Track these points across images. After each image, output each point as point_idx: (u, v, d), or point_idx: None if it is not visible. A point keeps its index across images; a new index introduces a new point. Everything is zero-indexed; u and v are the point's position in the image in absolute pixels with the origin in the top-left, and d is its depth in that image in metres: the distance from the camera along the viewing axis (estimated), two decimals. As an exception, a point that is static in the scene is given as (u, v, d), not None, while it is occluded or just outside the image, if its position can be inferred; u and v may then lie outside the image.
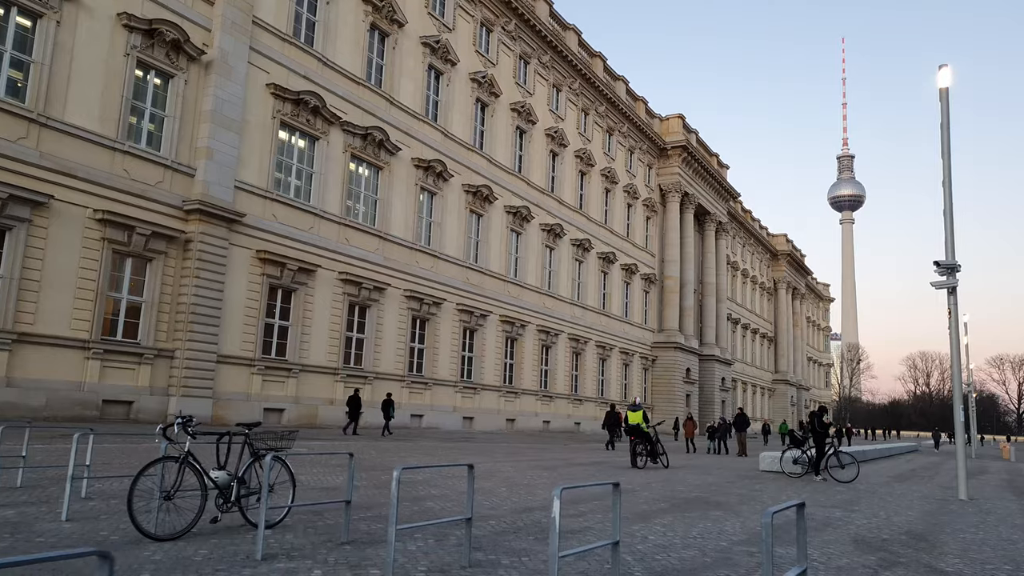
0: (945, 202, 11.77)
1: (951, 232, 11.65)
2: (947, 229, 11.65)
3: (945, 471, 22.52)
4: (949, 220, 11.67)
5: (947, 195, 11.76)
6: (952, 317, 11.64)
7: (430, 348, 31.55)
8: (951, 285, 11.56)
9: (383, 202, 29.36)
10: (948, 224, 11.67)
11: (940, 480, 17.56)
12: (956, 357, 11.91)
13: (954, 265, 11.48)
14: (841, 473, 15.39)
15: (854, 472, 15.24)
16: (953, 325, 11.70)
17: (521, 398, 38.19)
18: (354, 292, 27.38)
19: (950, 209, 11.73)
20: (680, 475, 14.73)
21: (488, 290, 35.83)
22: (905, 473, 19.77)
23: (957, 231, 11.69)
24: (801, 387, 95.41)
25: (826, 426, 15.61)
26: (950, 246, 11.62)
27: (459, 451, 18.70)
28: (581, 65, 44.92)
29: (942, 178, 11.85)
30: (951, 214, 11.70)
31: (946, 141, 11.90)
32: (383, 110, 29.45)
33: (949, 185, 11.79)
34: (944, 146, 11.87)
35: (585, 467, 15.44)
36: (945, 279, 11.58)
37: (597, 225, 47.62)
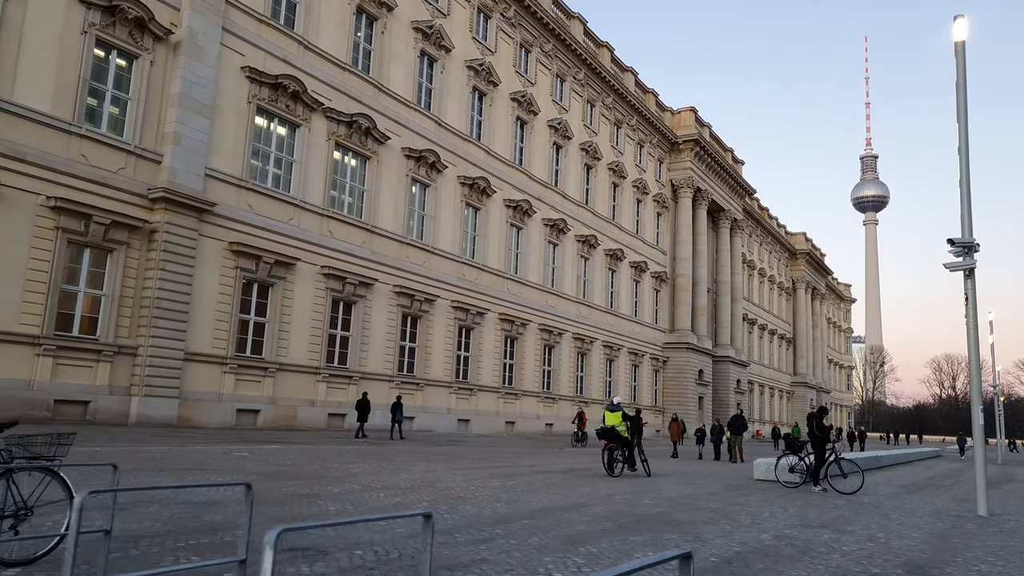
0: (961, 172, 10.18)
1: (968, 206, 10.06)
2: (963, 203, 10.06)
3: (967, 480, 20.71)
4: (966, 192, 10.08)
5: (963, 163, 10.16)
6: (969, 303, 10.05)
7: (422, 347, 30.19)
8: (968, 267, 9.97)
9: (371, 193, 28.05)
10: (965, 197, 10.08)
11: (959, 491, 15.84)
12: (974, 349, 10.31)
13: (971, 243, 9.88)
14: (843, 483, 13.76)
15: (858, 482, 13.61)
16: (971, 313, 10.11)
17: (522, 400, 36.71)
18: (338, 287, 26.08)
19: (967, 179, 10.13)
20: (657, 485, 13.17)
21: (486, 287, 34.41)
22: (921, 482, 18.05)
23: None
24: (821, 390, 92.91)
25: (826, 429, 13.97)
26: (967, 222, 10.03)
27: (431, 457, 17.28)
28: (586, 55, 43.38)
29: (958, 144, 10.27)
30: (968, 185, 10.11)
31: (962, 102, 10.31)
32: (371, 97, 28.15)
33: (966, 152, 10.20)
34: (960, 108, 10.28)
35: (550, 475, 13.92)
36: (961, 260, 10.00)
37: (604, 221, 46.02)
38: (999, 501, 14.46)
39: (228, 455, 13.24)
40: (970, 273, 10.06)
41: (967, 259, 9.98)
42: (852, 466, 14.08)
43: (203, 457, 12.47)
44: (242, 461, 12.28)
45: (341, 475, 11.15)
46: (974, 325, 10.21)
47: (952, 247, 9.93)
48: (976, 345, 10.27)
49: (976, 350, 10.27)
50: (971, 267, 10.00)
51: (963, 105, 10.29)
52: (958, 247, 9.92)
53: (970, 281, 10.12)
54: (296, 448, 16.51)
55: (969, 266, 9.98)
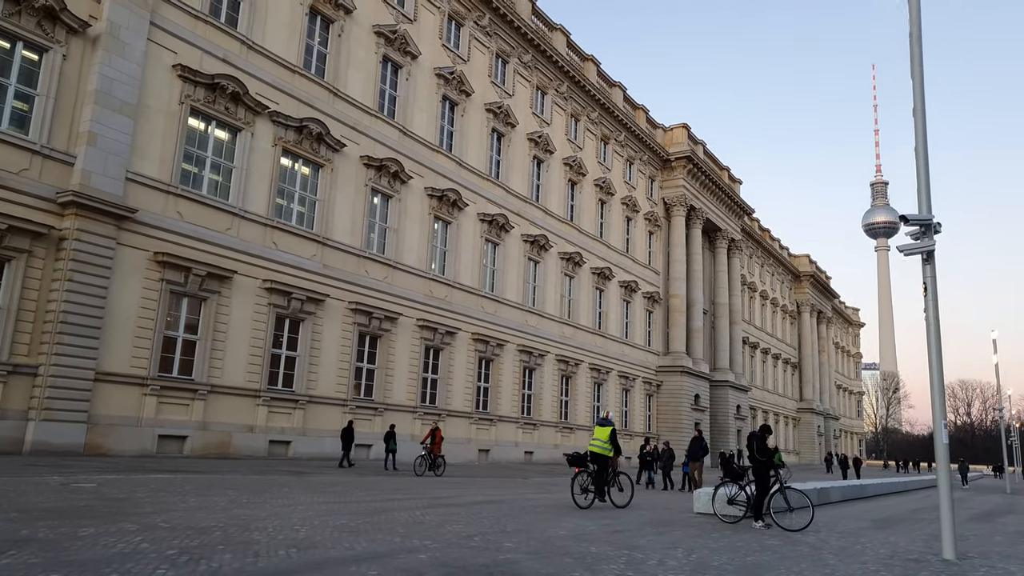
0: (917, 138, 8.21)
1: (925, 177, 8.05)
2: (920, 174, 8.07)
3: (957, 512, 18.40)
4: (922, 161, 8.09)
5: (919, 127, 8.20)
6: (929, 294, 8.01)
7: (383, 368, 28.16)
8: (925, 249, 7.95)
9: (324, 203, 26.26)
10: (921, 167, 8.09)
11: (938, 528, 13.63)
12: (935, 351, 8.21)
13: (928, 221, 7.88)
14: (789, 518, 11.59)
15: (806, 517, 11.45)
16: (930, 306, 8.06)
17: (498, 426, 34.51)
18: (282, 303, 24.18)
19: (923, 147, 8.16)
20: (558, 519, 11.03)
21: (457, 305, 32.44)
22: (900, 515, 15.76)
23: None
24: (829, 416, 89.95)
25: (769, 453, 11.81)
26: (924, 196, 8.03)
27: (329, 488, 15.18)
28: (569, 67, 41.80)
29: (913, 106, 8.32)
30: (925, 153, 8.13)
31: (917, 57, 8.37)
32: (324, 102, 26.50)
33: (922, 113, 8.24)
34: (914, 63, 8.34)
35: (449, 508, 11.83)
36: (917, 242, 8.00)
37: (590, 238, 44.09)
38: (983, 538, 12.24)
39: (65, 487, 11.19)
40: (929, 257, 8.03)
41: (925, 240, 7.97)
42: (800, 498, 11.90)
43: (11, 490, 10.37)
44: (61, 496, 10.20)
45: (155, 510, 9.13)
46: (934, 319, 8.15)
47: (905, 223, 7.93)
48: (937, 345, 8.20)
49: (937, 351, 8.20)
50: (929, 249, 7.97)
51: (917, 61, 8.35)
52: (915, 225, 7.92)
53: (929, 267, 8.08)
54: (193, 479, 14.46)
55: (927, 248, 7.96)
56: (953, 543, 7.67)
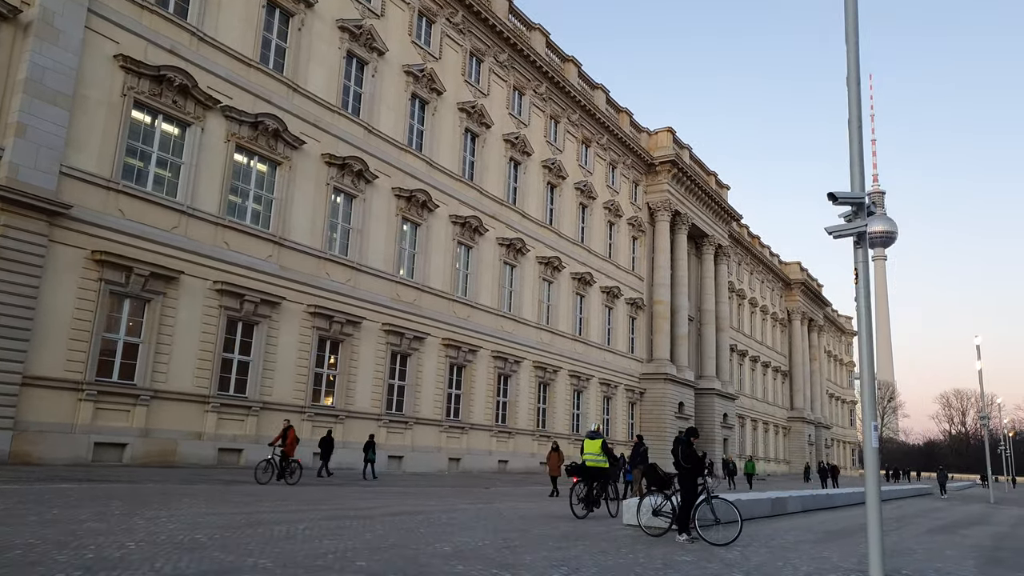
0: (850, 109, 7.27)
1: (858, 150, 7.09)
2: (853, 148, 7.11)
3: (916, 524, 17.44)
4: (856, 134, 7.13)
5: (852, 99, 7.26)
6: (860, 281, 7.05)
7: (345, 374, 27.13)
8: (856, 231, 7.00)
9: (281, 202, 25.30)
10: (855, 140, 7.13)
11: (892, 540, 12.67)
12: (866, 344, 7.23)
13: (859, 200, 6.92)
14: (716, 531, 10.60)
15: (734, 531, 10.47)
16: (862, 295, 7.08)
17: (470, 434, 33.45)
18: (234, 305, 23.17)
19: (857, 118, 7.21)
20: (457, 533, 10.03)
21: (427, 309, 31.44)
22: (853, 528, 14.74)
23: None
24: (821, 425, 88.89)
25: (697, 459, 10.83)
26: (857, 172, 7.07)
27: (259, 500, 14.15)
28: (548, 68, 40.98)
29: (847, 74, 7.39)
30: (858, 125, 7.17)
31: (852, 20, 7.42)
32: (282, 97, 25.59)
33: (856, 83, 7.30)
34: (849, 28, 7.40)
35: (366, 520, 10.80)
36: (848, 223, 7.05)
37: (570, 243, 43.18)
38: (932, 552, 11.29)
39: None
40: (860, 239, 7.07)
41: (856, 220, 7.02)
42: (728, 509, 10.91)
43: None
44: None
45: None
46: (866, 308, 7.18)
47: (834, 201, 6.97)
48: (869, 337, 7.22)
49: (868, 343, 7.23)
50: (860, 231, 7.01)
51: (852, 24, 7.41)
52: (845, 203, 6.96)
53: (860, 250, 7.12)
54: (96, 489, 13.42)
55: (857, 230, 7.00)
56: (881, 562, 6.70)
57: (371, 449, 23.78)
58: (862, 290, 7.10)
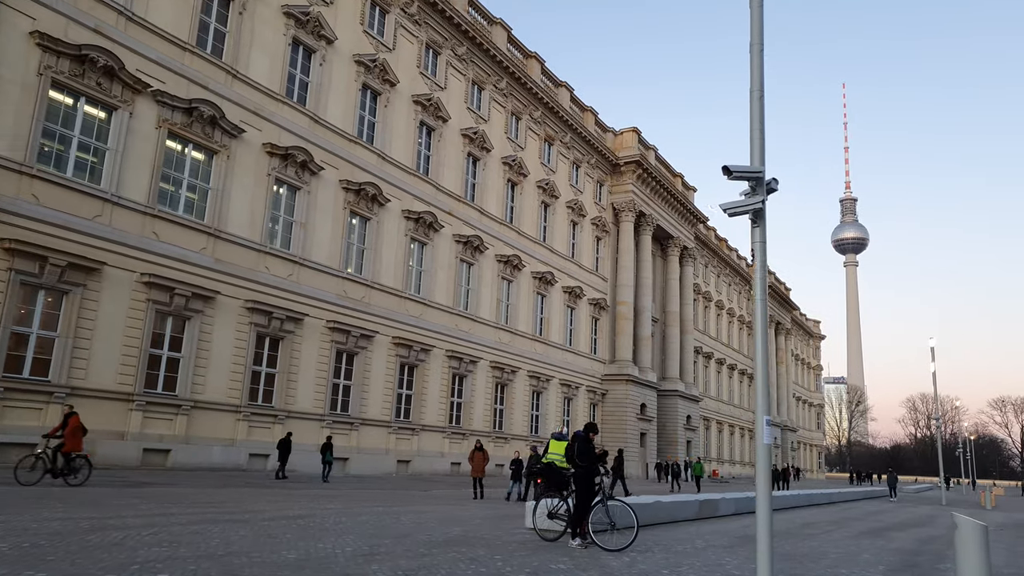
0: (752, 77, 6.57)
1: (759, 124, 6.39)
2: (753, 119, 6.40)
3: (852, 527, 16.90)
4: (757, 104, 6.43)
5: (755, 66, 6.55)
6: (758, 262, 6.36)
7: (284, 373, 26.11)
8: (752, 208, 6.30)
9: (218, 192, 24.24)
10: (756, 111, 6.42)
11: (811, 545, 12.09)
12: (761, 329, 6.55)
13: (758, 174, 6.22)
14: (611, 536, 9.89)
15: (628, 536, 9.80)
16: (759, 279, 6.40)
17: (420, 436, 32.54)
18: (164, 299, 22.08)
19: (759, 87, 6.51)
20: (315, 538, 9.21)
21: (376, 307, 30.50)
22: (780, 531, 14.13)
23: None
24: (787, 428, 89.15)
25: (594, 458, 10.09)
26: (757, 144, 6.37)
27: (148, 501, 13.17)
28: (509, 63, 40.24)
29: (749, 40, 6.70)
30: (760, 94, 6.48)
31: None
32: (221, 84, 24.54)
33: (759, 49, 6.60)
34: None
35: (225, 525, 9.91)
36: (745, 200, 6.34)
37: (531, 241, 42.46)
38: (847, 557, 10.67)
39: None
40: (757, 218, 6.37)
41: (753, 196, 6.32)
42: (624, 512, 10.19)
43: None
44: None
45: None
46: (762, 295, 6.49)
47: (730, 178, 6.26)
48: (764, 322, 6.54)
49: (763, 328, 6.54)
50: (756, 208, 6.30)
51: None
52: (741, 178, 6.25)
53: (758, 229, 6.42)
54: None
55: (754, 207, 6.29)
56: (770, 569, 6.01)
57: (328, 451, 23.85)
58: (758, 272, 6.39)
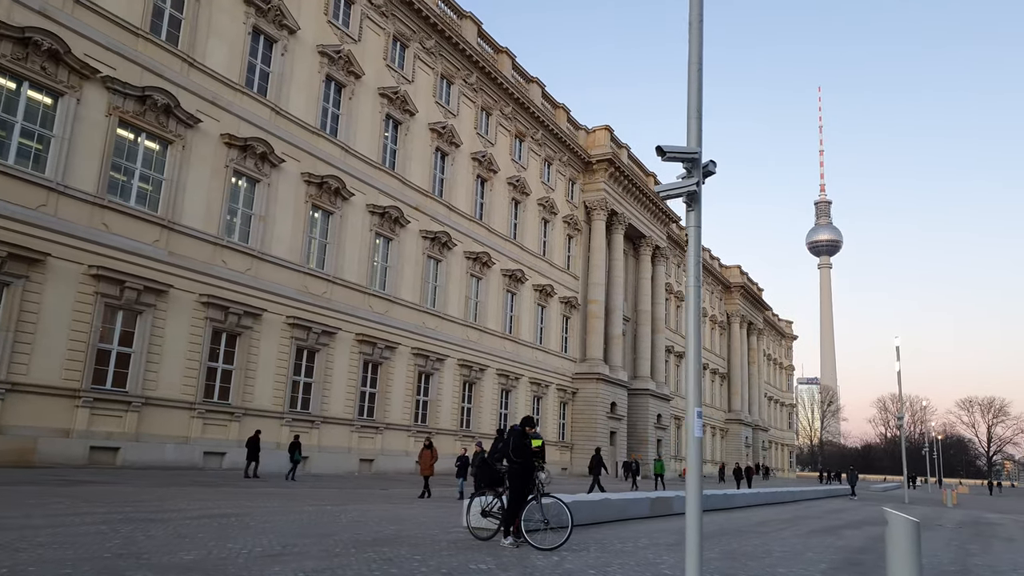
0: (691, 53, 6.22)
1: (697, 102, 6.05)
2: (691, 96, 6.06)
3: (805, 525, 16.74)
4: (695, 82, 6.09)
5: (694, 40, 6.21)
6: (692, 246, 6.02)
7: (242, 370, 25.47)
8: (686, 191, 5.95)
9: (172, 183, 23.54)
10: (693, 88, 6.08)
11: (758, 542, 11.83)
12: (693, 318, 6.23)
13: (693, 155, 5.87)
14: (544, 535, 9.53)
15: (562, 535, 9.45)
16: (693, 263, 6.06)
17: (384, 434, 32.01)
18: (113, 292, 21.38)
19: (698, 62, 6.18)
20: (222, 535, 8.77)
21: (339, 303, 29.92)
22: (732, 529, 13.97)
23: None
24: (758, 427, 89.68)
25: (529, 453, 9.68)
26: (695, 124, 6.01)
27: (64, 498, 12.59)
28: (479, 58, 39.83)
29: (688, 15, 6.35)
30: (699, 71, 6.15)
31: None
32: (176, 72, 23.84)
33: (699, 25, 6.27)
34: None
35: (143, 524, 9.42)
36: (679, 182, 6.00)
37: (501, 239, 42.07)
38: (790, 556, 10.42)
39: None
40: (692, 201, 6.03)
41: (688, 178, 5.98)
42: (559, 511, 9.82)
43: None
44: None
45: None
46: (696, 283, 6.16)
47: (664, 158, 5.92)
48: (697, 310, 6.19)
49: (696, 317, 6.21)
50: (691, 191, 5.97)
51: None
52: (675, 159, 5.91)
53: (693, 213, 6.08)
54: None
55: (687, 189, 5.95)
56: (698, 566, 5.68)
57: (297, 450, 23.93)
58: (691, 257, 6.06)
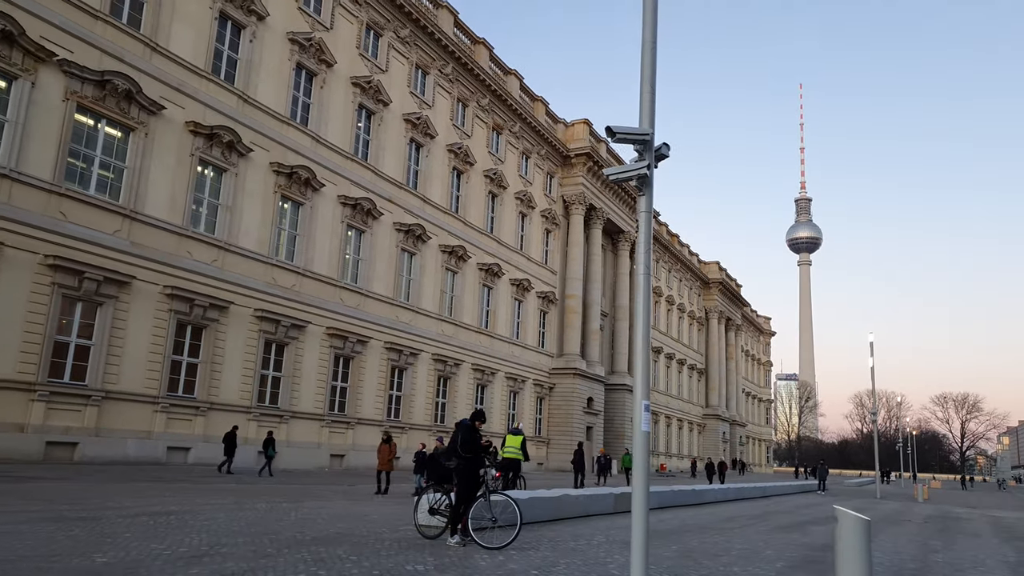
0: (645, 29, 5.88)
1: (650, 80, 5.71)
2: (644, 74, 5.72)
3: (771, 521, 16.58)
4: (649, 57, 5.74)
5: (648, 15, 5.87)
6: (643, 233, 5.68)
7: (208, 363, 24.89)
8: (636, 173, 5.62)
9: (134, 171, 22.89)
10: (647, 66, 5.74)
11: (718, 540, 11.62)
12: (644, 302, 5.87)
13: (644, 136, 5.53)
14: (492, 533, 9.21)
15: (510, 533, 9.15)
16: (643, 250, 5.70)
17: (356, 429, 31.53)
18: (71, 283, 20.74)
19: (652, 39, 5.84)
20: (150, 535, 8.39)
21: (309, 296, 29.38)
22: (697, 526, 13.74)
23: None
24: (736, 423, 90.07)
25: (478, 448, 9.36)
26: (647, 104, 5.68)
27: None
28: (456, 48, 39.34)
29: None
30: (652, 46, 5.81)
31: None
32: (138, 57, 23.18)
33: (652, 7, 5.93)
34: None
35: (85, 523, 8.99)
36: (629, 165, 5.65)
37: (478, 232, 41.66)
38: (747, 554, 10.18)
39: None
40: (643, 185, 5.70)
41: (639, 162, 5.64)
42: (507, 508, 9.49)
43: None
44: None
45: None
46: (646, 271, 5.80)
47: (613, 139, 5.59)
48: (646, 298, 5.84)
49: (646, 304, 5.87)
50: (641, 174, 5.63)
51: None
52: (625, 140, 5.57)
53: (644, 198, 5.74)
54: None
55: (638, 172, 5.62)
56: (644, 567, 5.38)
57: (271, 445, 23.76)
58: (642, 244, 5.72)
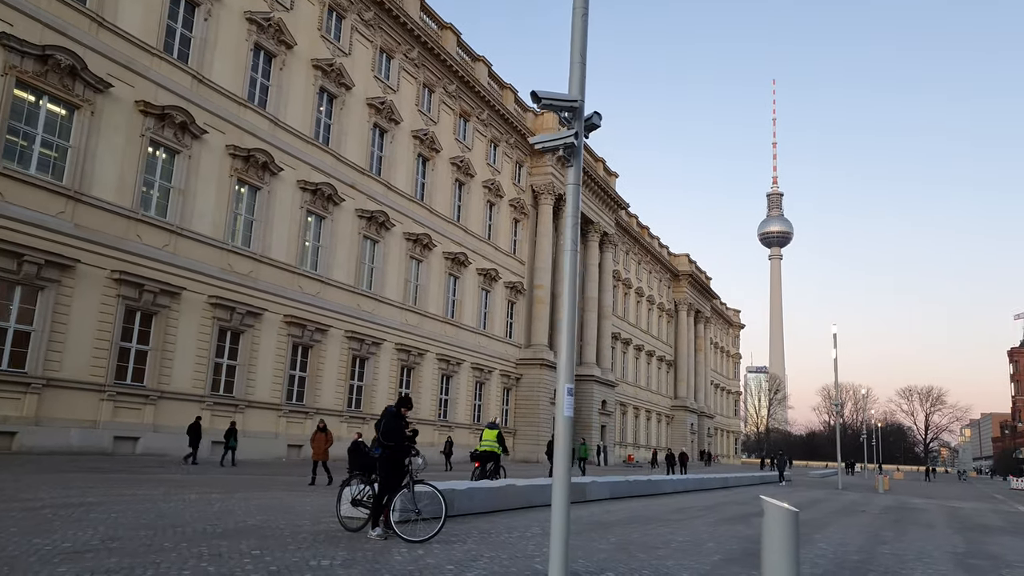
0: None
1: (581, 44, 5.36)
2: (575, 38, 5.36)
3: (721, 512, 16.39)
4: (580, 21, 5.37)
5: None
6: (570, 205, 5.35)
7: (159, 351, 24.15)
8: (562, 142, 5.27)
9: (79, 151, 22.03)
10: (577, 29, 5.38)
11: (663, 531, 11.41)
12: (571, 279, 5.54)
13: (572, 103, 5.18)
14: (415, 526, 8.90)
15: (434, 525, 8.84)
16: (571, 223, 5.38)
17: (315, 419, 30.86)
18: (10, 266, 19.90)
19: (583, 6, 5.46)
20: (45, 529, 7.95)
21: (266, 283, 28.69)
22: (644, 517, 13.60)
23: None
24: (704, 414, 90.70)
25: (401, 437, 8.99)
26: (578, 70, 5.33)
27: None
28: (422, 33, 38.68)
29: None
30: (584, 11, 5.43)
31: None
32: (83, 31, 22.29)
33: None
34: None
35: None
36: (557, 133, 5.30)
37: (444, 220, 41.13)
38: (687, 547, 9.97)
39: None
40: (570, 155, 5.35)
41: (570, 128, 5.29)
42: (433, 500, 9.16)
43: None
44: None
45: None
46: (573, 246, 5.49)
47: (540, 106, 5.24)
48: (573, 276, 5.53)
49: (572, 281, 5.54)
50: (568, 143, 5.28)
51: None
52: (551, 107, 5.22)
53: (572, 169, 5.40)
54: None
55: (564, 141, 5.27)
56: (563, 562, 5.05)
57: (232, 436, 23.72)
58: (570, 219, 5.37)
